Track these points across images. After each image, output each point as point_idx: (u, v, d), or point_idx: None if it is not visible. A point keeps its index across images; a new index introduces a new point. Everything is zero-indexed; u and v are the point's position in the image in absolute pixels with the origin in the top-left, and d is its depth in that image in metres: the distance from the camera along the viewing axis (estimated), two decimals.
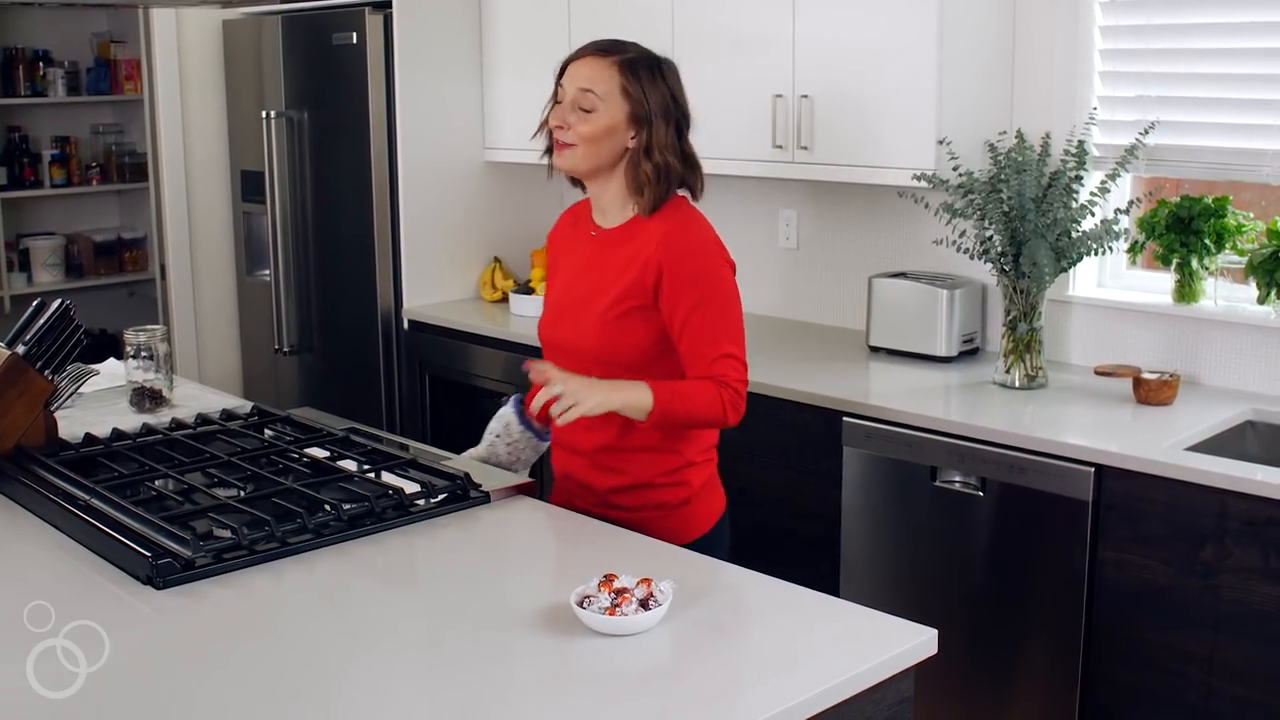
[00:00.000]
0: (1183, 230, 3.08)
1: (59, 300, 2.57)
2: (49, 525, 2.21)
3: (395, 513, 2.19)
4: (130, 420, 2.77)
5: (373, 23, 4.19)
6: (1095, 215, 3.09)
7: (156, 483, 2.32)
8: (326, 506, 2.15)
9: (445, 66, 4.28)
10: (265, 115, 4.53)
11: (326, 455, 2.49)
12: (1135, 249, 3.25)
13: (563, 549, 2.14)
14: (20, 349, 2.49)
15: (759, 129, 3.54)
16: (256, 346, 4.97)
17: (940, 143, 3.16)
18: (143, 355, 2.94)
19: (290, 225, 4.62)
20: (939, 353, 3.36)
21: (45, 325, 2.51)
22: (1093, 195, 3.07)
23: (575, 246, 2.45)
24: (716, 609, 1.90)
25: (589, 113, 2.29)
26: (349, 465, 2.42)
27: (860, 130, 3.34)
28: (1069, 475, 2.70)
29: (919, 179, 3.14)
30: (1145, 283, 3.32)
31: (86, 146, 6.07)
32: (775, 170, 3.56)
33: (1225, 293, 3.13)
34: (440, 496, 2.26)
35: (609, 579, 1.80)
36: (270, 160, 4.57)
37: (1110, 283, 3.38)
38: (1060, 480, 2.72)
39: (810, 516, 3.19)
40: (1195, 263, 3.10)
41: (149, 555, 1.95)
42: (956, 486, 2.91)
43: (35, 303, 2.60)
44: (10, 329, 2.57)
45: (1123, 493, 2.64)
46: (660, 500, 2.36)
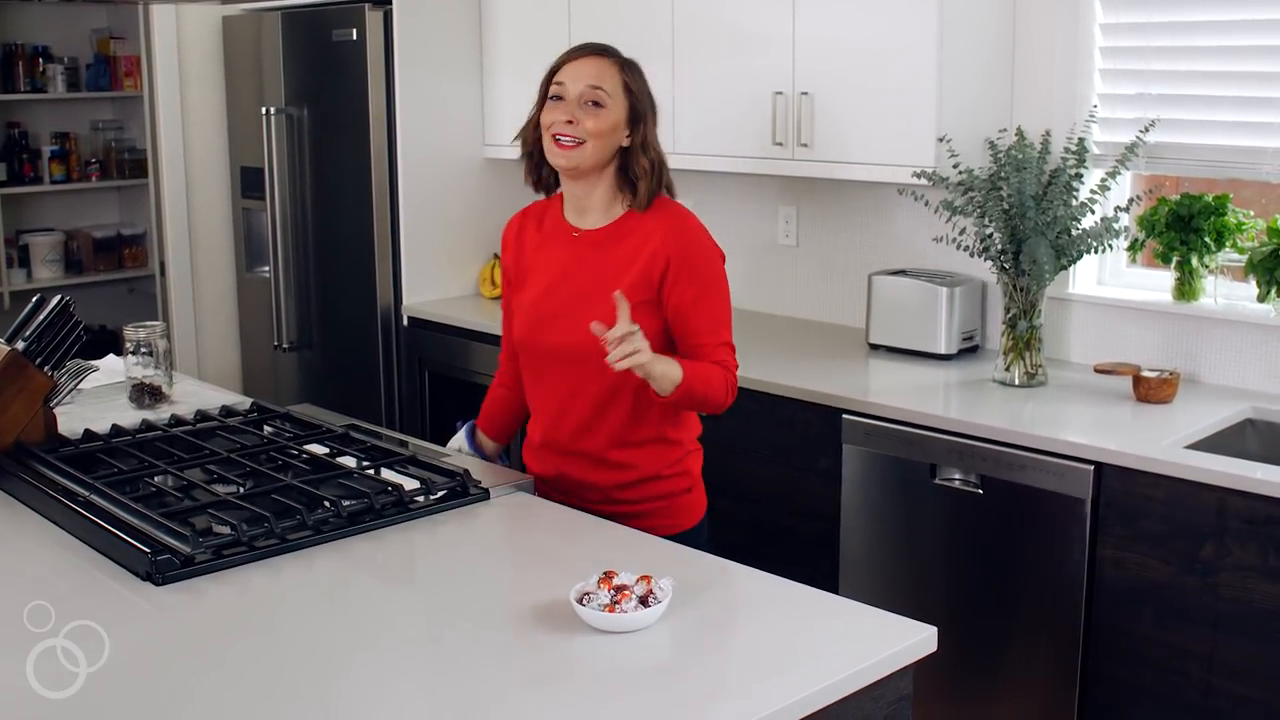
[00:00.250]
0: (1183, 228, 3.08)
1: (59, 296, 2.57)
2: (48, 521, 2.21)
3: (394, 509, 2.19)
4: (130, 416, 2.77)
5: (373, 19, 4.19)
6: (1095, 213, 3.09)
7: (156, 479, 2.32)
8: (326, 503, 2.15)
9: (445, 63, 4.28)
10: (265, 111, 4.52)
11: (326, 452, 2.48)
12: (1135, 247, 3.25)
13: (562, 546, 2.14)
14: (20, 345, 2.49)
15: (759, 126, 3.54)
16: (256, 343, 4.97)
17: (940, 140, 3.16)
18: (142, 351, 2.94)
19: (290, 222, 4.62)
20: (939, 350, 3.36)
21: (45, 321, 2.51)
22: (1093, 193, 3.07)
23: (550, 249, 2.44)
24: (716, 606, 1.90)
25: (600, 108, 2.32)
26: (348, 462, 2.42)
27: (860, 127, 3.33)
28: (1068, 473, 2.70)
29: (919, 176, 3.14)
30: (1145, 281, 3.32)
31: (86, 143, 6.07)
32: (775, 167, 3.56)
33: (1225, 291, 3.13)
34: (440, 493, 2.26)
35: (608, 576, 1.80)
36: (270, 156, 4.56)
37: (1110, 280, 3.38)
38: (1060, 478, 2.72)
39: (809, 514, 3.19)
40: (1195, 261, 3.10)
41: (148, 551, 1.95)
42: (956, 484, 2.91)
43: (35, 299, 2.60)
44: (10, 325, 2.57)
45: (1122, 491, 2.64)
46: (666, 491, 2.42)
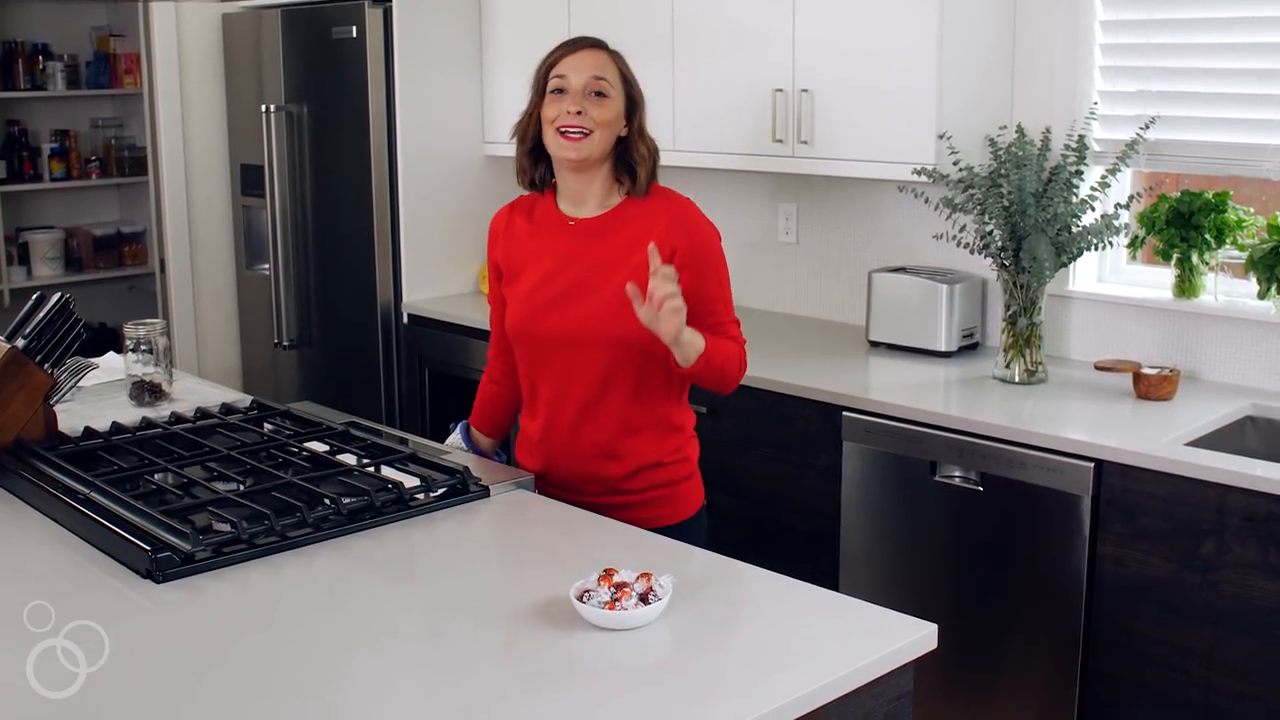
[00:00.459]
0: (1183, 225, 3.08)
1: (58, 294, 2.57)
2: (48, 519, 2.21)
3: (395, 507, 2.19)
4: (130, 414, 2.77)
5: (372, 16, 4.18)
6: (1095, 210, 3.08)
7: (156, 476, 2.32)
8: (326, 501, 2.15)
9: (445, 60, 4.28)
10: (265, 109, 4.52)
11: (326, 449, 2.48)
12: (1135, 244, 3.25)
13: (562, 543, 2.14)
14: (20, 343, 2.49)
15: (759, 123, 3.53)
16: (256, 340, 4.97)
17: (940, 137, 3.16)
18: (142, 349, 2.94)
19: (290, 219, 4.62)
20: (939, 348, 3.36)
21: (45, 319, 2.51)
22: (1093, 190, 3.07)
23: (544, 239, 2.45)
24: (716, 603, 1.90)
25: (604, 98, 2.36)
26: (348, 459, 2.42)
27: (860, 125, 3.33)
28: (1069, 470, 2.70)
29: (919, 173, 3.13)
30: (1145, 278, 3.31)
31: (86, 140, 6.06)
32: (775, 165, 3.56)
33: (1225, 288, 3.13)
34: (440, 491, 2.26)
35: (609, 573, 1.80)
36: (270, 154, 4.56)
37: (1110, 278, 3.38)
38: (1060, 475, 2.72)
39: (810, 511, 3.19)
40: (1195, 258, 3.10)
41: (148, 549, 1.95)
42: (956, 481, 2.91)
43: (35, 296, 2.60)
44: (10, 322, 2.57)
45: (1122, 488, 2.64)
46: (668, 478, 2.44)
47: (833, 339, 3.64)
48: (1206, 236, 3.06)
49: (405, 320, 4.33)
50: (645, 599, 1.76)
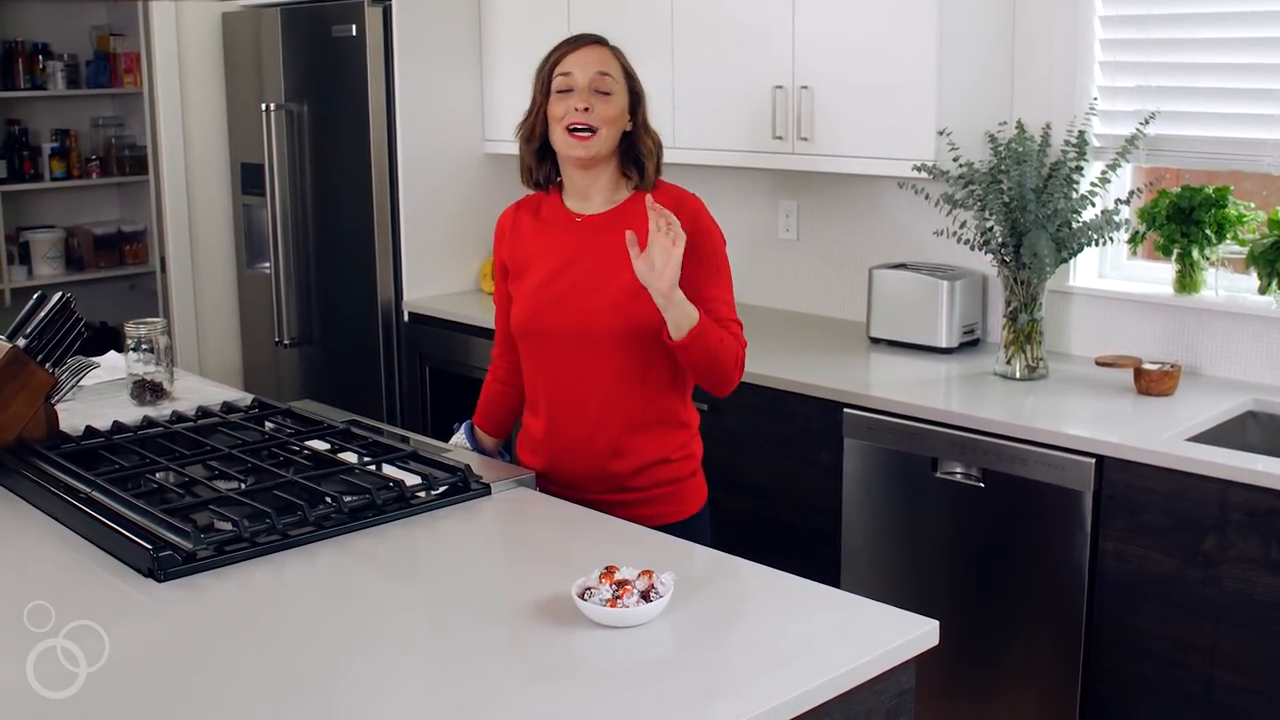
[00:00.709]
0: (1183, 220, 3.08)
1: (59, 293, 2.57)
2: (50, 518, 2.21)
3: (396, 505, 2.19)
4: (131, 413, 2.77)
5: (372, 15, 4.18)
6: (1096, 206, 3.08)
7: (157, 475, 2.32)
8: (327, 499, 2.15)
9: (445, 59, 4.28)
10: (265, 108, 4.52)
11: (327, 448, 2.49)
12: (1136, 239, 3.25)
13: (564, 541, 2.14)
14: (21, 342, 2.49)
15: (759, 120, 3.53)
16: (257, 339, 4.97)
17: (940, 133, 3.16)
18: (143, 348, 2.94)
19: (290, 218, 4.62)
20: (939, 344, 3.36)
21: (46, 318, 2.51)
22: (1093, 186, 3.06)
23: (551, 236, 2.45)
24: (718, 601, 1.90)
25: (609, 95, 2.36)
26: (350, 457, 2.42)
27: (860, 121, 3.33)
28: (1070, 466, 2.70)
29: (919, 170, 3.13)
30: (1146, 273, 3.31)
31: (86, 139, 6.06)
32: (775, 161, 3.56)
33: (1226, 283, 3.13)
34: (441, 489, 2.26)
35: (610, 570, 1.80)
36: (270, 153, 4.56)
37: (1111, 273, 3.38)
38: (1061, 471, 2.72)
39: (811, 508, 3.19)
40: (1196, 253, 3.10)
41: (150, 548, 1.95)
42: (957, 478, 2.91)
43: (36, 296, 2.60)
44: (11, 322, 2.57)
45: (1124, 484, 2.64)
46: (674, 475, 2.43)
47: (833, 335, 3.64)
48: (1207, 232, 3.06)
49: (406, 318, 4.33)
50: (647, 596, 1.76)
